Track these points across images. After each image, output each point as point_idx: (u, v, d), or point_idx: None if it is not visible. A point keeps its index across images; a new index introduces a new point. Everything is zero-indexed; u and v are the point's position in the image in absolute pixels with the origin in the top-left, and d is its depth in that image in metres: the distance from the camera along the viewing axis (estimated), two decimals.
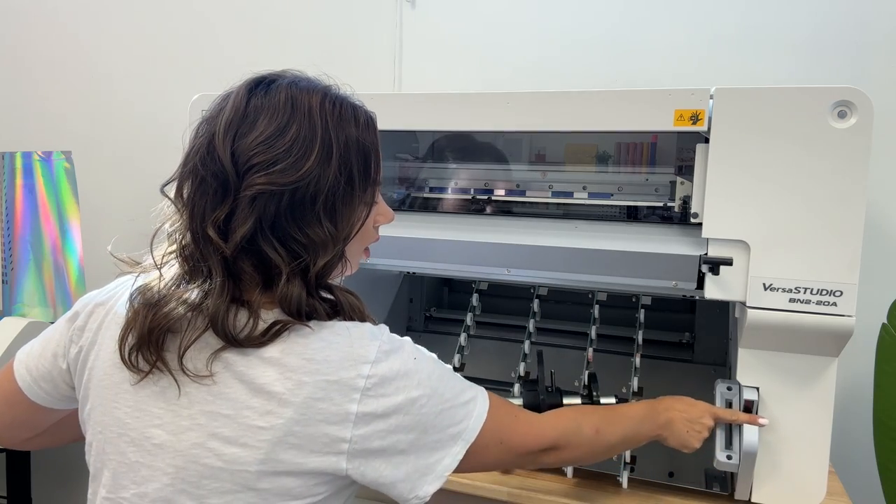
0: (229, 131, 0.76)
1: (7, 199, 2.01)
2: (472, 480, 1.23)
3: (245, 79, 0.82)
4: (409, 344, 0.82)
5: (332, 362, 0.75)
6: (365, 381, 0.75)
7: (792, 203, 1.07)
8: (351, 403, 0.74)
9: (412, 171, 1.56)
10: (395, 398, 0.76)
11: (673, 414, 1.05)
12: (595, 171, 1.43)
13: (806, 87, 1.05)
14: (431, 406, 0.78)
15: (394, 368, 0.77)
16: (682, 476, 1.32)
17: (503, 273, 1.31)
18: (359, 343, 0.77)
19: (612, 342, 1.53)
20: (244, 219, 0.75)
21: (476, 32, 1.89)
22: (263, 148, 0.75)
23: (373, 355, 0.76)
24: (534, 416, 0.93)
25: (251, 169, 0.75)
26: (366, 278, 1.50)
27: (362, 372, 0.75)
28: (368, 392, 0.75)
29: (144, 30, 2.24)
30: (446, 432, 0.80)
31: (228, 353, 0.75)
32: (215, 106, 0.80)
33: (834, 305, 1.06)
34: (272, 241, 0.76)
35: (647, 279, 1.22)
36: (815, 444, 1.12)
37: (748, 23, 1.65)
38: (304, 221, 0.77)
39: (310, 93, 0.79)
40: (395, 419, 0.76)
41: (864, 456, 1.48)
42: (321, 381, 0.74)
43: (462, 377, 0.87)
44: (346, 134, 0.79)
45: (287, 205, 0.75)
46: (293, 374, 0.74)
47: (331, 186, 0.77)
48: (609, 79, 1.76)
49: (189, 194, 0.78)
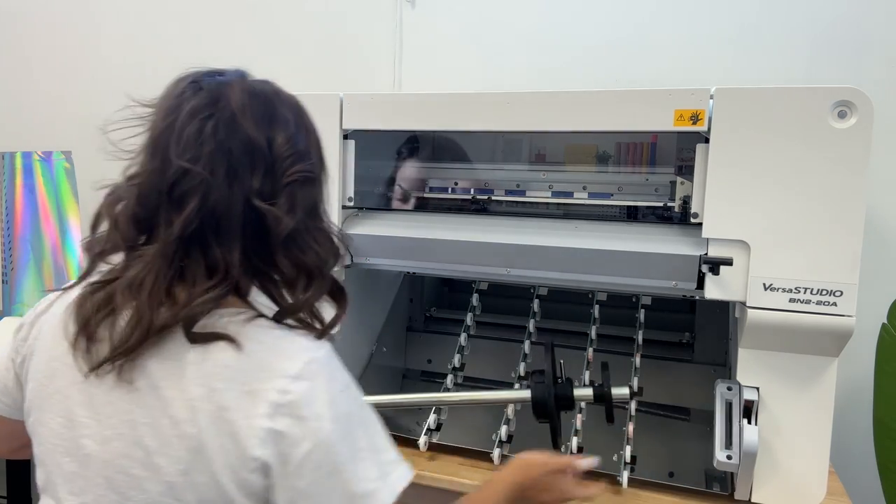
0: (261, 126, 0.76)
1: (7, 199, 2.01)
2: (472, 481, 1.23)
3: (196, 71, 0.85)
4: (342, 373, 0.75)
5: (247, 371, 0.69)
6: (278, 396, 0.68)
7: (792, 203, 1.07)
8: (260, 418, 0.67)
9: (412, 171, 1.56)
10: (307, 425, 0.68)
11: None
12: (595, 171, 1.43)
13: (806, 87, 1.05)
14: (344, 447, 0.70)
15: (314, 392, 0.69)
16: (682, 476, 1.32)
17: (503, 273, 1.31)
18: (284, 355, 0.71)
19: (612, 342, 1.52)
20: (289, 207, 0.76)
21: (476, 32, 1.89)
22: (293, 142, 0.77)
23: (295, 370, 0.69)
24: None
25: (286, 159, 0.76)
26: (366, 278, 1.50)
27: (277, 385, 0.68)
28: (281, 409, 0.68)
29: (145, 30, 2.24)
30: (358, 486, 0.70)
31: (147, 361, 0.71)
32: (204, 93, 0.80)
33: (834, 305, 1.06)
34: (309, 225, 0.78)
35: (647, 279, 1.22)
36: (815, 444, 1.12)
37: (748, 23, 1.65)
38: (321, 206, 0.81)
39: (281, 90, 0.84)
40: (304, 447, 0.68)
41: (864, 456, 1.48)
42: (235, 389, 0.68)
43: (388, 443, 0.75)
44: (310, 122, 0.84)
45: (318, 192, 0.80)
46: (207, 381, 0.69)
47: (321, 175, 0.82)
48: (609, 79, 1.76)
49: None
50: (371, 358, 1.57)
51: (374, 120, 1.30)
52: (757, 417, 1.11)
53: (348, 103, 1.30)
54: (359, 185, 1.36)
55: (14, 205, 2.00)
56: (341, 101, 1.30)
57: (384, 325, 1.61)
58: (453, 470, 1.27)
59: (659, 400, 1.45)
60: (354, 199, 1.34)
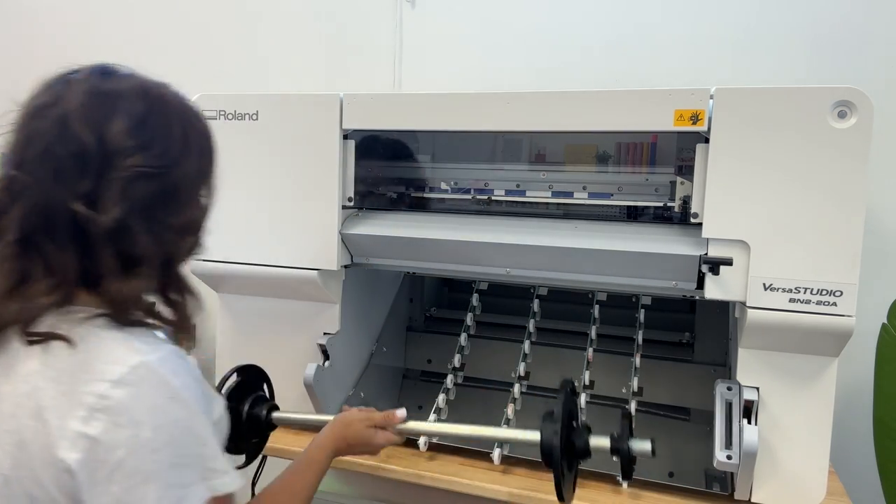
0: (89, 121, 0.74)
1: None
2: (472, 480, 1.23)
3: (79, 67, 0.82)
4: (179, 379, 0.71)
5: (70, 372, 0.69)
6: (95, 400, 0.67)
7: (792, 203, 1.07)
8: (73, 420, 0.67)
9: (412, 171, 1.56)
10: (123, 431, 0.67)
11: (352, 451, 1.08)
12: (595, 171, 1.43)
13: (806, 87, 1.05)
14: (163, 455, 0.68)
15: (138, 398, 0.68)
16: (682, 476, 1.32)
17: (503, 273, 1.31)
18: (109, 358, 0.69)
19: (612, 342, 1.52)
20: (116, 198, 0.73)
21: (476, 32, 1.89)
22: (133, 133, 0.74)
23: (116, 375, 0.68)
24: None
25: (120, 152, 0.73)
26: (366, 278, 1.50)
27: (96, 389, 0.67)
28: (97, 414, 0.67)
29: (144, 30, 2.24)
30: (173, 492, 0.69)
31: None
32: (49, 92, 0.77)
33: (834, 305, 1.06)
34: (142, 223, 0.75)
35: (647, 279, 1.22)
36: (815, 444, 1.12)
37: (748, 23, 1.65)
38: (175, 204, 0.77)
39: (156, 84, 0.81)
40: (119, 454, 0.67)
41: (864, 456, 1.48)
42: (54, 389, 0.68)
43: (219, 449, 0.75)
44: (198, 130, 0.82)
45: (156, 189, 0.75)
46: (33, 379, 0.70)
47: (191, 176, 0.79)
48: (609, 79, 1.76)
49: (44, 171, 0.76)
50: (371, 358, 1.57)
51: (374, 120, 1.31)
52: (757, 417, 1.11)
53: (348, 103, 1.30)
54: (359, 185, 1.36)
55: None
56: (341, 101, 1.30)
57: (384, 325, 1.61)
58: (453, 470, 1.27)
59: (659, 400, 1.45)
60: (354, 199, 1.34)
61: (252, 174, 1.36)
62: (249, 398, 1.18)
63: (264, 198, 1.37)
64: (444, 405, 1.37)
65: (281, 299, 1.42)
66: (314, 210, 1.33)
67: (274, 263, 1.36)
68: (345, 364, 1.44)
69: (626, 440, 0.98)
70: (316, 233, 1.34)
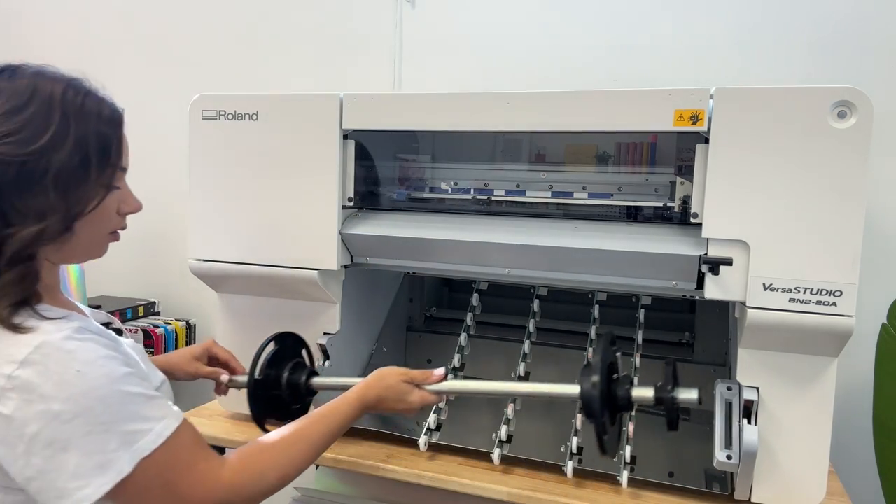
0: None
1: None
2: (472, 481, 1.23)
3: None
4: (88, 352, 0.77)
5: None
6: (5, 381, 0.73)
7: (792, 203, 1.07)
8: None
9: (412, 171, 1.56)
10: (35, 406, 0.73)
11: (383, 405, 1.08)
12: (595, 171, 1.43)
13: (806, 87, 1.05)
14: (77, 425, 0.73)
15: (45, 376, 0.73)
16: (682, 476, 1.32)
17: (503, 273, 1.31)
18: (12, 340, 0.76)
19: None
20: None
21: (476, 32, 1.89)
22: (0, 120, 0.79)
23: (22, 356, 0.74)
24: (215, 466, 0.83)
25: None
26: (366, 278, 1.50)
27: (4, 371, 0.74)
28: (7, 393, 0.73)
29: (144, 30, 2.24)
30: (92, 458, 0.74)
31: None
32: None
33: (834, 305, 1.06)
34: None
35: (647, 279, 1.22)
36: (815, 444, 1.12)
37: (748, 23, 1.65)
38: (29, 191, 0.79)
39: (52, 82, 0.83)
40: (32, 428, 0.73)
41: (864, 456, 1.48)
42: None
43: (156, 403, 0.80)
44: (87, 122, 0.83)
45: (14, 174, 0.78)
46: None
47: (62, 163, 0.80)
48: (609, 79, 1.76)
49: None
50: (371, 358, 1.57)
51: (374, 120, 1.31)
52: (757, 417, 1.11)
53: (348, 103, 1.30)
54: (359, 185, 1.36)
55: None
56: (341, 101, 1.30)
57: (384, 325, 1.61)
58: (453, 470, 1.27)
59: None
60: (354, 199, 1.34)
61: (252, 174, 1.36)
62: (288, 365, 1.21)
63: (264, 198, 1.37)
64: (443, 405, 1.37)
65: (281, 299, 1.42)
66: (314, 210, 1.33)
67: (274, 263, 1.36)
68: (345, 364, 1.44)
69: (672, 389, 0.94)
70: (316, 233, 1.34)
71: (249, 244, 1.38)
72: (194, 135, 1.39)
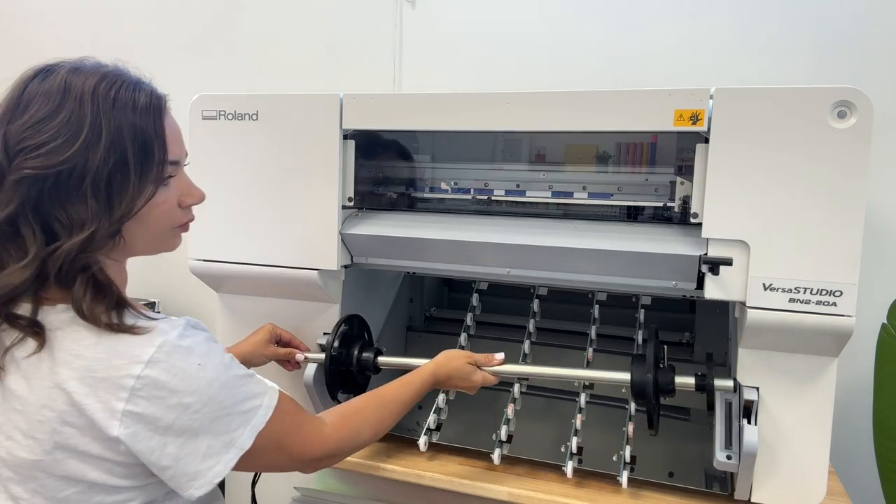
0: (4, 118, 0.79)
1: None
2: (472, 481, 1.23)
3: (25, 71, 0.84)
4: (201, 346, 0.82)
5: (100, 359, 0.76)
6: (135, 382, 0.76)
7: (792, 203, 1.07)
8: (118, 402, 0.76)
9: (412, 171, 1.56)
10: (167, 401, 0.77)
11: (449, 383, 1.20)
12: (595, 171, 1.43)
13: (806, 87, 1.05)
14: (206, 412, 0.79)
15: (171, 372, 0.77)
16: (682, 476, 1.32)
17: (503, 273, 1.31)
18: (135, 342, 0.78)
19: (612, 342, 1.52)
20: (6, 202, 0.77)
21: (476, 32, 1.89)
22: (31, 133, 0.77)
23: (148, 356, 0.77)
24: (318, 425, 0.95)
25: (19, 153, 0.77)
26: (366, 278, 1.50)
27: (133, 371, 0.76)
28: (139, 392, 0.76)
29: (143, 30, 2.24)
30: (220, 439, 0.81)
31: (16, 350, 0.79)
32: (4, 93, 0.83)
33: (834, 305, 1.06)
34: (32, 224, 0.78)
35: (647, 279, 1.22)
36: (815, 444, 1.12)
37: (748, 23, 1.65)
38: (69, 201, 0.78)
39: (86, 77, 0.81)
40: (166, 421, 0.77)
41: (864, 456, 1.48)
42: (88, 377, 0.76)
43: (256, 380, 0.87)
44: (119, 118, 0.80)
45: (52, 186, 0.77)
46: (61, 370, 0.77)
47: (98, 167, 0.78)
48: (609, 79, 1.76)
49: None
50: None
51: (374, 120, 1.31)
52: (757, 417, 1.11)
53: (348, 103, 1.30)
54: (359, 185, 1.36)
55: None
56: (341, 101, 1.30)
57: (384, 325, 1.61)
58: (453, 470, 1.27)
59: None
60: (354, 200, 1.34)
61: (252, 174, 1.36)
62: (357, 344, 1.35)
63: (264, 198, 1.37)
64: (443, 405, 1.37)
65: (281, 299, 1.42)
66: (314, 210, 1.33)
67: (274, 263, 1.36)
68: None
69: (711, 378, 1.12)
70: (316, 233, 1.34)
71: (249, 244, 1.38)
72: (194, 135, 1.39)
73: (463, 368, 1.19)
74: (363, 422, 1.02)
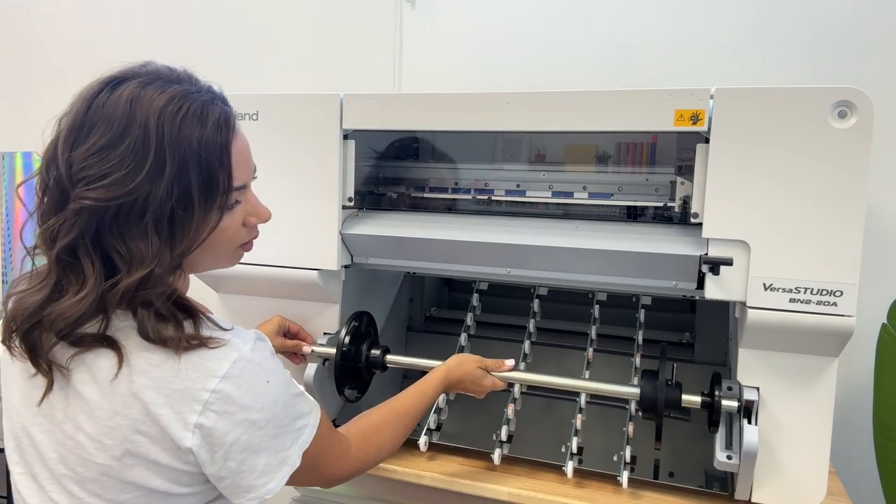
0: (69, 138, 0.76)
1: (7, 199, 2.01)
2: (473, 481, 1.23)
3: (96, 77, 0.81)
4: (269, 362, 0.82)
5: (177, 370, 0.76)
6: (210, 395, 0.76)
7: (792, 203, 1.07)
8: (192, 414, 0.75)
9: (412, 170, 1.56)
10: (236, 416, 0.77)
11: (460, 387, 1.21)
12: (595, 171, 1.43)
13: (806, 87, 1.05)
14: (268, 430, 0.80)
15: (242, 388, 0.77)
16: (682, 476, 1.32)
17: (503, 273, 1.31)
18: (210, 355, 0.77)
19: (612, 342, 1.53)
20: (67, 230, 0.75)
21: (476, 32, 1.89)
22: (93, 161, 0.74)
23: (224, 370, 0.77)
24: (346, 446, 0.96)
25: (80, 181, 0.74)
26: (366, 278, 1.50)
27: (209, 385, 0.76)
28: (211, 406, 0.76)
29: (143, 30, 2.24)
30: (276, 456, 0.82)
31: (86, 354, 0.78)
32: (70, 104, 0.80)
33: (834, 305, 1.06)
34: (91, 254, 0.76)
35: (647, 279, 1.22)
36: (815, 444, 1.12)
37: (748, 23, 1.65)
38: (129, 234, 0.75)
39: (152, 97, 0.77)
40: (232, 436, 0.77)
41: (864, 456, 1.48)
42: (164, 387, 0.75)
43: (306, 397, 0.88)
44: (184, 147, 0.76)
45: (112, 218, 0.75)
46: (138, 378, 0.76)
47: (160, 201, 0.75)
48: (609, 79, 1.76)
49: (39, 196, 0.79)
50: None
51: (374, 120, 1.31)
52: (757, 417, 1.11)
53: (348, 103, 1.30)
54: (359, 185, 1.36)
55: (14, 205, 2.00)
56: (341, 101, 1.30)
57: (384, 325, 1.61)
58: (453, 470, 1.27)
59: None
60: (354, 199, 1.34)
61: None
62: (366, 342, 1.36)
63: (264, 198, 1.36)
64: (444, 405, 1.37)
65: (281, 299, 1.41)
66: (314, 210, 1.33)
67: (274, 263, 1.36)
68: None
69: (718, 397, 1.13)
70: (316, 233, 1.34)
71: None
72: None
73: (474, 373, 1.20)
74: (383, 441, 1.04)
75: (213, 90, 0.86)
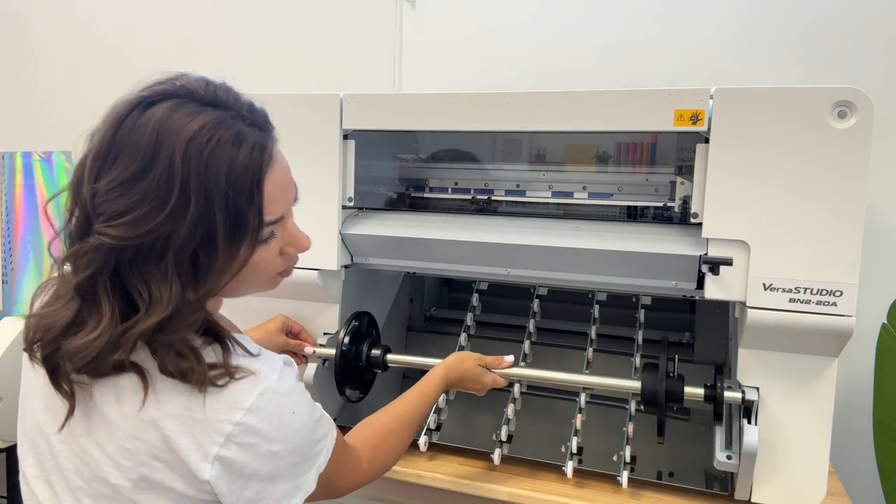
0: (94, 165, 0.72)
1: (7, 199, 2.01)
2: (473, 481, 1.23)
3: (126, 97, 0.75)
4: (295, 391, 0.80)
5: (201, 401, 0.73)
6: (233, 428, 0.73)
7: (792, 203, 1.07)
8: (213, 445, 0.72)
9: (412, 171, 1.56)
10: (258, 448, 0.74)
11: (460, 385, 1.20)
12: (595, 171, 1.43)
13: (806, 87, 1.05)
14: (288, 459, 0.78)
15: (267, 420, 0.75)
16: (682, 476, 1.32)
17: (503, 273, 1.31)
18: (237, 386, 0.74)
19: (612, 342, 1.52)
20: (87, 264, 0.72)
21: (476, 32, 1.89)
22: (115, 196, 0.70)
23: (250, 402, 0.74)
24: (357, 462, 0.95)
25: (101, 216, 0.71)
26: (366, 278, 1.50)
27: (233, 418, 0.73)
28: (234, 438, 0.73)
29: (144, 30, 2.24)
30: (293, 483, 0.80)
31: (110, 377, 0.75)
32: (102, 119, 0.75)
33: (834, 305, 1.06)
34: (108, 292, 0.72)
35: (647, 279, 1.22)
36: (815, 444, 1.12)
37: (748, 23, 1.65)
38: (149, 274, 0.71)
39: (182, 125, 0.71)
40: (252, 468, 0.75)
41: (864, 456, 1.48)
42: (185, 416, 0.73)
43: (325, 418, 0.86)
44: (211, 184, 0.71)
45: (132, 256, 0.71)
46: (161, 405, 0.73)
47: (183, 242, 0.70)
48: (609, 79, 1.76)
49: (66, 217, 0.76)
50: None
51: (374, 120, 1.31)
52: (757, 417, 1.11)
53: (348, 103, 1.30)
54: (359, 185, 1.36)
55: (14, 205, 2.00)
56: (341, 101, 1.30)
57: (384, 325, 1.61)
58: (453, 470, 1.27)
59: None
60: (354, 199, 1.34)
61: None
62: (367, 341, 1.37)
63: None
64: (444, 405, 1.37)
65: (281, 299, 1.41)
66: (314, 210, 1.33)
67: None
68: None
69: (721, 390, 1.13)
70: (316, 233, 1.32)
71: None
72: None
73: (474, 370, 1.20)
74: (391, 450, 1.03)
75: (253, 109, 0.80)
